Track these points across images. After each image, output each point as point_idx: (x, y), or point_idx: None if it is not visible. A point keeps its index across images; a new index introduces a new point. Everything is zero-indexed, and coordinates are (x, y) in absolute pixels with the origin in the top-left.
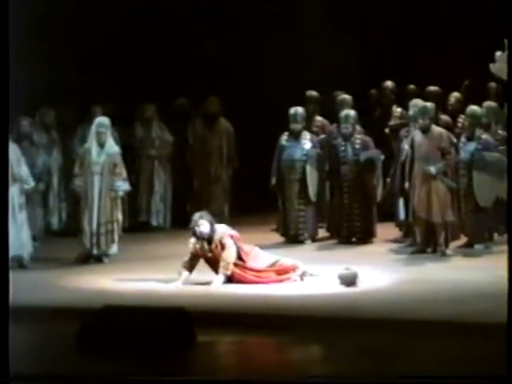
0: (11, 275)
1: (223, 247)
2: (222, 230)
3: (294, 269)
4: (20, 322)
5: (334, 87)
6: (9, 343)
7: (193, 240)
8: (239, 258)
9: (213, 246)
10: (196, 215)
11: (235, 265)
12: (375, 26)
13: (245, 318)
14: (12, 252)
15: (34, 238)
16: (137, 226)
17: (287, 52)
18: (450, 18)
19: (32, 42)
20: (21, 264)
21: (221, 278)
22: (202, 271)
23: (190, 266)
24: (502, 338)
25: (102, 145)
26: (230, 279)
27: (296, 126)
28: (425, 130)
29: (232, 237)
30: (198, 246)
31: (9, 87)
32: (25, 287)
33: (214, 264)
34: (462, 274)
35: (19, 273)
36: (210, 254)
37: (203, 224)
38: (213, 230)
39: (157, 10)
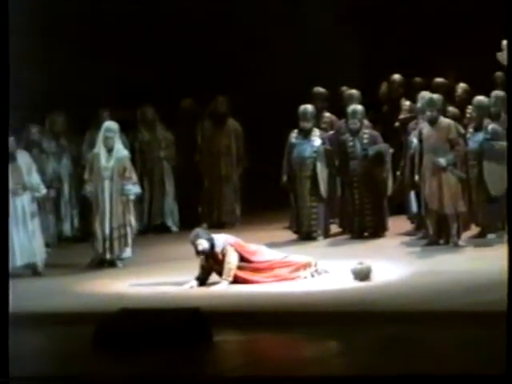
0: (26, 283)
1: (224, 256)
2: (222, 241)
3: (305, 266)
4: (36, 328)
5: (340, 82)
6: (8, 344)
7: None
8: (244, 260)
9: (216, 258)
10: (192, 235)
11: (240, 268)
12: (380, 19)
13: (260, 317)
14: (25, 260)
15: (47, 245)
16: (151, 228)
17: (293, 49)
18: (455, 8)
19: (37, 49)
20: (35, 271)
21: (223, 284)
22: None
23: (203, 279)
24: None
25: (110, 149)
26: (237, 282)
27: (306, 124)
28: (432, 122)
29: (231, 244)
30: (205, 260)
31: (9, 93)
32: (40, 294)
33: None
34: (475, 265)
35: (34, 280)
36: (216, 267)
37: (201, 243)
38: (212, 245)
39: (163, 11)
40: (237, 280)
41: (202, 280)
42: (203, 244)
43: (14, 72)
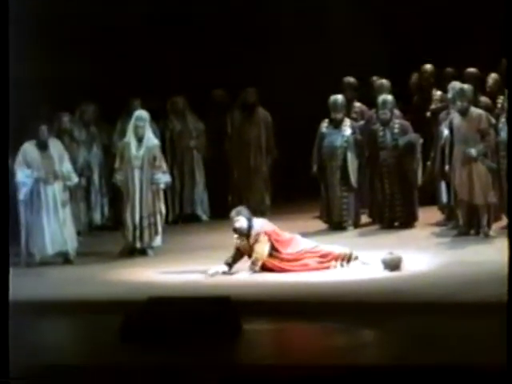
0: (57, 271)
1: (256, 242)
2: (259, 226)
3: (337, 258)
4: (67, 316)
5: (371, 72)
6: (9, 343)
7: (236, 235)
8: (276, 249)
9: (251, 241)
10: (233, 211)
11: (271, 255)
12: (410, 8)
13: (289, 306)
14: (56, 248)
15: (79, 233)
16: (181, 217)
17: (323, 39)
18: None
19: (64, 40)
20: (66, 259)
21: (246, 273)
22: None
23: (232, 261)
24: None
25: (140, 138)
26: (267, 270)
27: (337, 115)
28: (463, 113)
29: (267, 233)
30: (240, 241)
31: (9, 83)
32: (71, 282)
33: None
34: (505, 255)
35: (65, 268)
36: (249, 250)
37: (239, 220)
38: (250, 226)
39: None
40: (264, 266)
41: (231, 264)
42: (241, 221)
43: (43, 62)
